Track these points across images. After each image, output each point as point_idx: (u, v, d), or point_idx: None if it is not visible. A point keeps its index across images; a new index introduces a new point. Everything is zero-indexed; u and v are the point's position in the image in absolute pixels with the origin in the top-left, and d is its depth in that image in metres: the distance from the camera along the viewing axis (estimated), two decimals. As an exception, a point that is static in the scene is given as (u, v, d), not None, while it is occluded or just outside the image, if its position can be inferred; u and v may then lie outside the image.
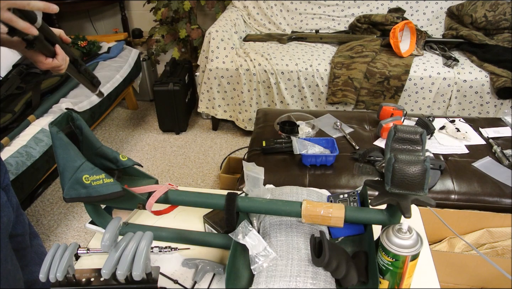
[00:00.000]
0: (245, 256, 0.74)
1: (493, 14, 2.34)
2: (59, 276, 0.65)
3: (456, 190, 1.40)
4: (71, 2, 2.83)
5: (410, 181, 0.61)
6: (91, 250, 0.84)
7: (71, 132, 0.72)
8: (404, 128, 0.65)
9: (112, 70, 2.44)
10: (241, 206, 0.73)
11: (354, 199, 0.81)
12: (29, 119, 1.84)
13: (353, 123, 1.76)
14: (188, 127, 2.71)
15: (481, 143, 1.61)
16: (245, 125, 2.45)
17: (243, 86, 2.32)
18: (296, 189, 0.86)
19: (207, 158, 2.40)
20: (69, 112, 0.71)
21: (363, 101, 2.23)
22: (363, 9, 2.64)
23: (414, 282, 0.75)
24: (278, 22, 2.71)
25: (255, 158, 1.56)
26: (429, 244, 0.87)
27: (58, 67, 0.85)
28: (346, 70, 2.17)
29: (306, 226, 0.77)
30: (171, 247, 0.83)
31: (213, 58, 2.33)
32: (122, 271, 0.63)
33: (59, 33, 0.92)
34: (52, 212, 2.00)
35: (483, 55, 2.19)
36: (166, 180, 2.22)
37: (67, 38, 0.94)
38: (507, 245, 1.34)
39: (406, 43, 2.32)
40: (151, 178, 0.79)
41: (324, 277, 0.68)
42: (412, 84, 2.16)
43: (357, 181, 1.43)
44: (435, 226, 1.36)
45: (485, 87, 2.12)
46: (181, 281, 0.77)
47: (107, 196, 0.69)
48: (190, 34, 2.78)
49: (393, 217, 0.69)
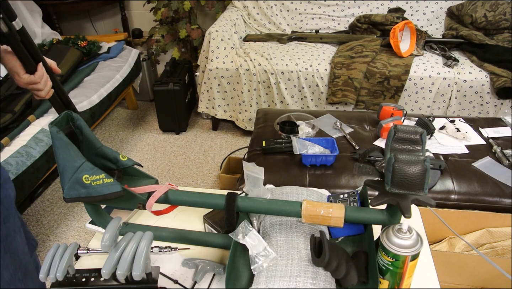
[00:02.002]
0: (245, 256, 0.74)
1: (493, 14, 2.34)
2: (59, 276, 0.65)
3: (456, 190, 1.40)
4: (71, 2, 2.83)
5: (410, 181, 0.61)
6: (91, 250, 0.84)
7: (71, 132, 0.72)
8: (404, 128, 0.65)
9: (112, 70, 2.44)
10: (241, 206, 0.73)
11: (354, 199, 0.81)
12: (29, 119, 1.84)
13: (353, 123, 1.76)
14: (188, 127, 2.71)
15: (481, 143, 1.61)
16: (245, 125, 2.45)
17: (243, 86, 2.32)
18: (296, 189, 0.86)
19: (207, 158, 2.40)
20: (69, 112, 0.71)
21: (363, 101, 2.23)
22: (363, 9, 2.64)
23: (414, 282, 0.75)
24: (278, 22, 2.71)
25: (255, 158, 1.56)
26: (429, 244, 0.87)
27: (35, 84, 0.86)
28: (346, 70, 2.17)
29: (306, 226, 0.77)
30: (171, 247, 0.83)
31: (213, 58, 2.33)
32: (122, 271, 0.63)
33: (50, 63, 0.94)
34: (52, 212, 2.00)
35: (483, 55, 2.19)
36: (166, 180, 2.22)
37: (58, 69, 0.96)
38: (507, 245, 1.34)
39: (406, 43, 2.32)
40: (151, 178, 0.79)
41: (324, 277, 0.68)
42: (412, 84, 2.16)
43: (357, 181, 1.43)
44: (435, 226, 1.36)
45: (485, 87, 2.12)
46: (181, 281, 0.77)
47: (107, 196, 0.69)
48: (190, 34, 2.78)
49: (393, 217, 0.69)
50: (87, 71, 2.37)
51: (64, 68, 2.23)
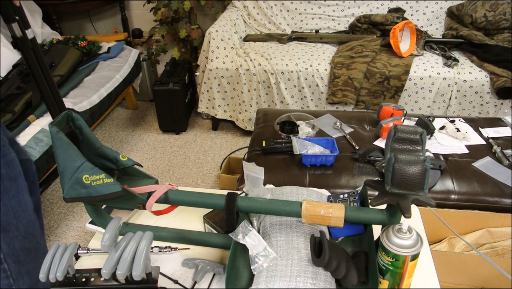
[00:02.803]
0: (245, 256, 0.74)
1: (493, 14, 2.34)
2: (59, 276, 0.65)
3: (456, 190, 1.40)
4: (71, 2, 2.83)
5: (410, 181, 0.61)
6: (91, 250, 0.84)
7: (71, 132, 0.72)
8: (404, 128, 0.65)
9: (112, 70, 2.44)
10: (241, 206, 0.73)
11: (354, 199, 0.81)
12: (29, 119, 1.83)
13: (353, 123, 1.76)
14: (188, 127, 2.71)
15: (481, 143, 1.61)
16: (245, 125, 2.45)
17: (243, 86, 2.32)
18: (296, 189, 0.86)
19: (207, 158, 2.40)
20: (69, 112, 0.71)
21: (363, 101, 2.23)
22: (363, 9, 2.64)
23: (414, 282, 0.75)
24: (278, 22, 2.71)
25: (255, 158, 1.56)
26: (429, 244, 0.87)
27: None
28: (346, 70, 2.17)
29: (306, 226, 0.77)
30: (171, 247, 0.83)
31: (213, 58, 2.33)
32: (122, 271, 0.63)
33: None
34: (52, 212, 2.00)
35: (483, 55, 2.19)
36: (166, 180, 2.22)
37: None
38: (507, 245, 1.34)
39: (406, 43, 2.32)
40: (151, 178, 0.79)
41: (324, 277, 0.68)
42: (412, 84, 2.16)
43: (357, 181, 1.43)
44: (435, 226, 1.36)
45: (485, 87, 2.12)
46: (181, 281, 0.77)
47: (107, 196, 0.69)
48: (190, 34, 2.78)
49: (393, 217, 0.69)
50: (87, 71, 2.37)
51: (64, 68, 2.23)
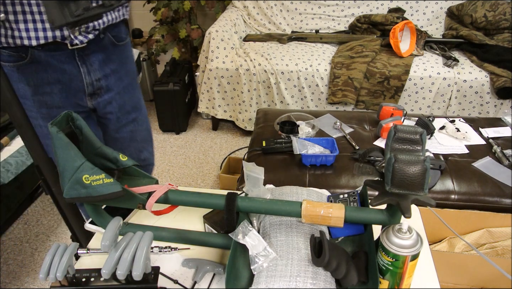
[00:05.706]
0: (245, 256, 0.74)
1: (493, 14, 2.34)
2: (59, 276, 0.65)
3: (456, 190, 1.40)
4: (71, 2, 2.83)
5: (410, 181, 0.61)
6: (91, 250, 0.84)
7: (71, 132, 0.72)
8: (404, 128, 0.65)
9: (112, 70, 2.43)
10: (241, 206, 0.73)
11: (354, 199, 0.81)
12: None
13: (353, 123, 1.76)
14: (188, 127, 2.71)
15: (481, 143, 1.61)
16: (245, 125, 2.45)
17: (243, 86, 2.32)
18: (296, 189, 0.86)
19: (207, 158, 2.40)
20: (69, 112, 0.71)
21: (363, 101, 2.23)
22: (363, 9, 2.64)
23: (414, 282, 0.75)
24: (278, 22, 2.71)
25: (255, 158, 1.56)
26: (429, 244, 0.87)
27: None
28: (346, 70, 2.17)
29: (306, 226, 0.77)
30: (171, 247, 0.83)
31: (213, 58, 2.33)
32: (122, 271, 0.63)
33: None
34: (52, 212, 2.00)
35: (483, 55, 2.19)
36: (166, 180, 2.22)
37: None
38: (507, 245, 1.34)
39: (406, 43, 2.32)
40: (151, 178, 0.79)
41: (324, 277, 0.68)
42: (412, 84, 2.16)
43: (357, 181, 1.43)
44: (435, 226, 1.36)
45: (485, 87, 2.12)
46: (181, 281, 0.77)
47: (107, 196, 0.69)
48: (190, 34, 2.78)
49: (393, 217, 0.69)
50: (87, 71, 2.36)
51: (64, 68, 2.22)
